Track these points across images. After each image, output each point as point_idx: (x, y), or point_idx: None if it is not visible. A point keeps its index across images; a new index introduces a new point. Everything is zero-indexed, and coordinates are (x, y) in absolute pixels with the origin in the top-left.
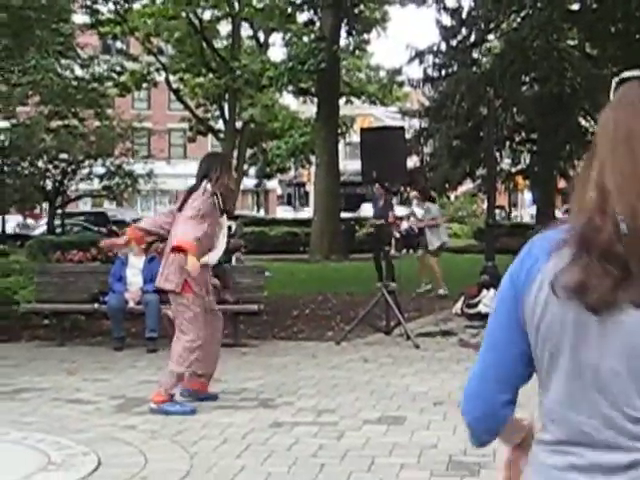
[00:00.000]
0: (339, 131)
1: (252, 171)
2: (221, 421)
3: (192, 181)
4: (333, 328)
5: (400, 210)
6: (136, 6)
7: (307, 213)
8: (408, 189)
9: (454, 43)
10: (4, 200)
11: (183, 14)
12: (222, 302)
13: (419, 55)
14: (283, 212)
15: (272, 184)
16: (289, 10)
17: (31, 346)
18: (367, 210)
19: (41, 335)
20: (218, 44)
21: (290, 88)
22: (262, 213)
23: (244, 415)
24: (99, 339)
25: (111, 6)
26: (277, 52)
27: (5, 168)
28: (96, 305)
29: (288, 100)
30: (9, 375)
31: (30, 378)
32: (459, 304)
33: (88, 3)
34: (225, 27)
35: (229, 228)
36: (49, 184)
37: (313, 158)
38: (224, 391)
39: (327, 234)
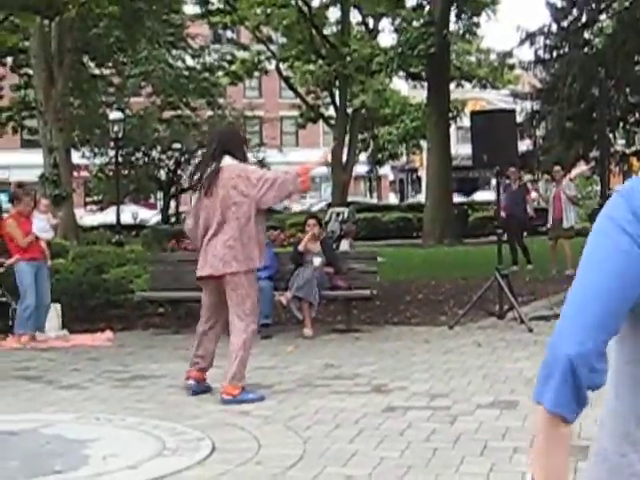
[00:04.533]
0: (450, 115)
1: (363, 157)
2: (334, 406)
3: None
4: (446, 313)
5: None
6: None
7: (414, 200)
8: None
9: (565, 24)
10: (119, 190)
11: (292, 2)
12: (335, 288)
13: (530, 37)
14: (394, 198)
15: (384, 170)
16: None
17: (146, 334)
18: (481, 195)
19: (156, 323)
20: (327, 31)
21: (400, 73)
22: (375, 199)
23: (357, 400)
24: None
25: None
26: (386, 37)
27: (119, 159)
28: None
29: (399, 85)
30: (125, 362)
31: (145, 365)
32: None
33: None
34: (334, 13)
35: (340, 214)
36: (163, 174)
37: (424, 143)
38: (337, 376)
39: (440, 219)
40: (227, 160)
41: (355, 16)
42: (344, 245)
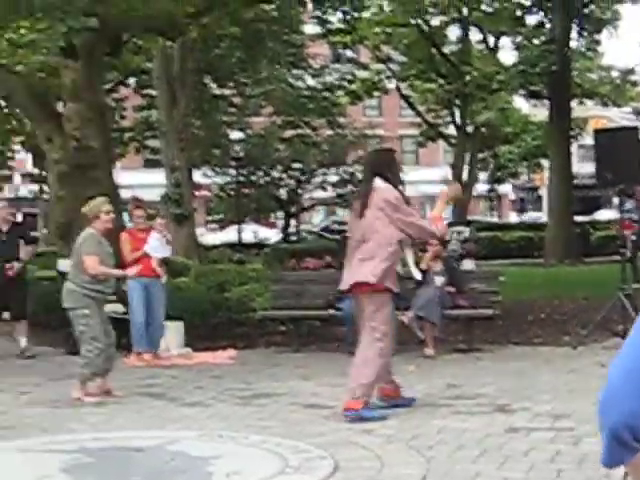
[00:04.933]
0: (571, 133)
1: (482, 176)
2: (457, 426)
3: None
4: (569, 333)
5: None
6: (365, 15)
7: (536, 217)
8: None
9: None
10: (240, 209)
11: (412, 21)
12: (456, 307)
13: None
14: (516, 217)
15: (505, 188)
16: (518, 13)
17: (268, 352)
18: (603, 214)
19: (278, 341)
20: (447, 49)
21: (521, 91)
22: (496, 218)
23: (480, 420)
24: (335, 345)
25: (340, 15)
26: (507, 55)
27: (241, 178)
28: (331, 311)
29: (519, 104)
30: (247, 380)
31: (267, 383)
32: None
33: (318, 14)
34: (454, 32)
35: (461, 233)
36: (283, 193)
37: (545, 162)
38: (459, 396)
39: (561, 238)
40: (377, 182)
41: (475, 34)
42: (467, 264)
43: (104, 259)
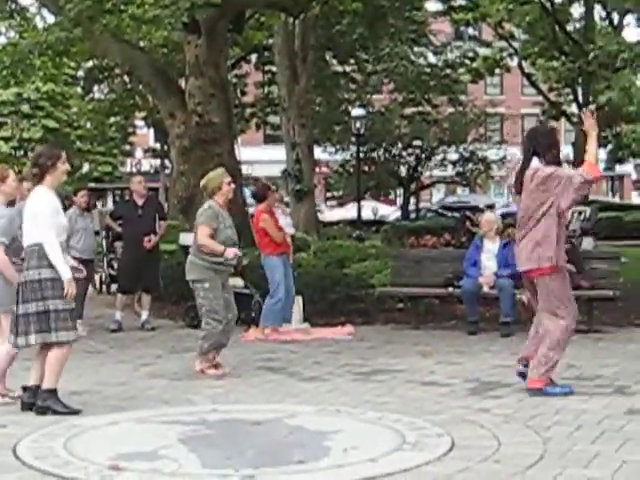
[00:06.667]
0: None
1: (603, 155)
2: (575, 407)
3: (552, 168)
4: None
5: None
6: None
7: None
8: None
9: None
10: (360, 186)
11: None
12: (576, 287)
13: None
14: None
15: (627, 168)
16: None
17: (386, 329)
18: None
19: (396, 318)
20: (570, 27)
21: None
22: (617, 198)
23: (599, 401)
24: (453, 323)
25: None
26: (632, 33)
27: (361, 155)
28: (450, 289)
29: None
30: (365, 356)
31: (385, 360)
32: None
33: None
34: (578, 9)
35: (582, 213)
36: (403, 171)
37: None
38: (578, 377)
39: None
40: (535, 162)
41: (599, 11)
42: (586, 244)
43: (222, 231)
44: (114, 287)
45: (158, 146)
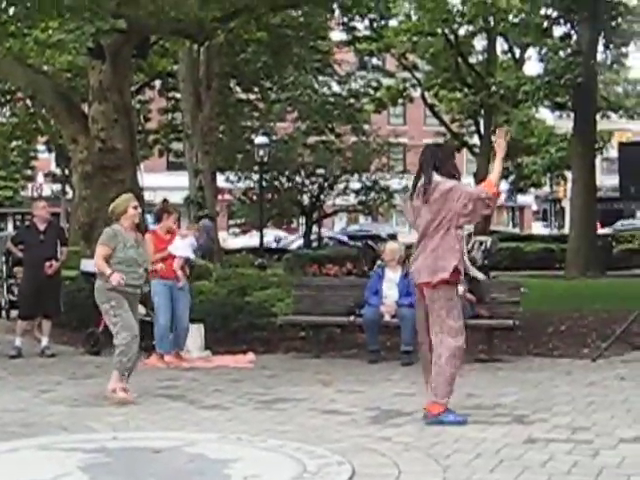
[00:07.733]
0: (596, 146)
1: (504, 186)
2: (475, 435)
3: (452, 182)
4: (589, 345)
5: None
6: (392, 23)
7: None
8: None
9: None
10: (263, 214)
11: (439, 30)
12: (477, 316)
13: None
14: (539, 228)
15: (527, 199)
16: (545, 24)
17: (288, 357)
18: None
19: (297, 347)
20: (473, 59)
21: (546, 103)
22: (518, 229)
23: (498, 430)
24: (354, 352)
25: (367, 23)
26: (533, 67)
27: (264, 183)
28: (352, 318)
29: (544, 115)
30: (266, 385)
31: (286, 388)
32: None
33: (345, 21)
34: (480, 42)
35: (483, 243)
36: (306, 199)
37: (569, 174)
38: (478, 406)
39: (583, 250)
40: (435, 176)
41: (501, 44)
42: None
43: (121, 250)
44: (14, 313)
45: (59, 171)
